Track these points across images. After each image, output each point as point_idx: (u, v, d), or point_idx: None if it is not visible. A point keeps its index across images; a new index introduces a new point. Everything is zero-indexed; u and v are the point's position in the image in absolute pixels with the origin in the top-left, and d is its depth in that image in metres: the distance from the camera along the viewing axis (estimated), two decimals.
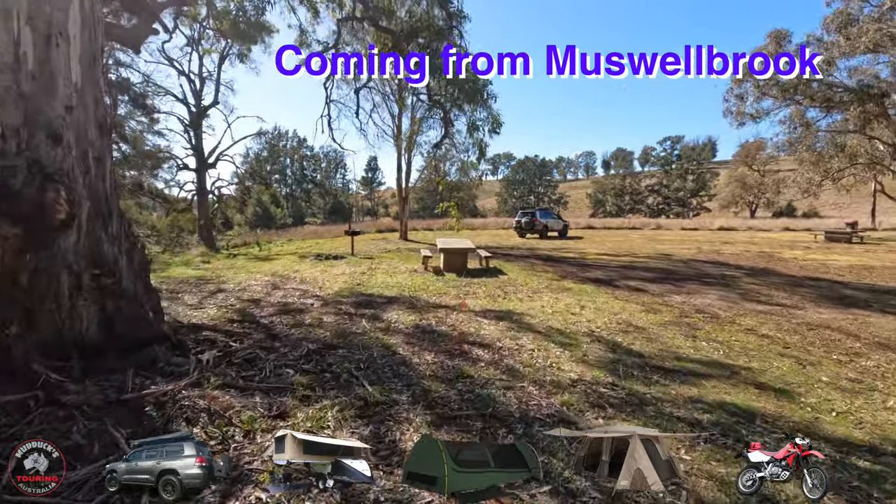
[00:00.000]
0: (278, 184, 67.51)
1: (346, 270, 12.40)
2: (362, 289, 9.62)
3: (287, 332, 5.68)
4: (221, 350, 4.18)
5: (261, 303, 7.81)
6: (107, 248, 3.69)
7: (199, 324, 5.45)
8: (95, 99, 4.01)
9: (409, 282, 10.61)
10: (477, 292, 9.56)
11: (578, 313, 7.79)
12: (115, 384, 3.28)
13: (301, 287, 9.66)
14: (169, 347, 3.86)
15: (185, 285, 9.53)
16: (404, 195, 24.68)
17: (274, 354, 4.49)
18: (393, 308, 7.73)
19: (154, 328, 3.84)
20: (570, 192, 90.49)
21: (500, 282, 10.97)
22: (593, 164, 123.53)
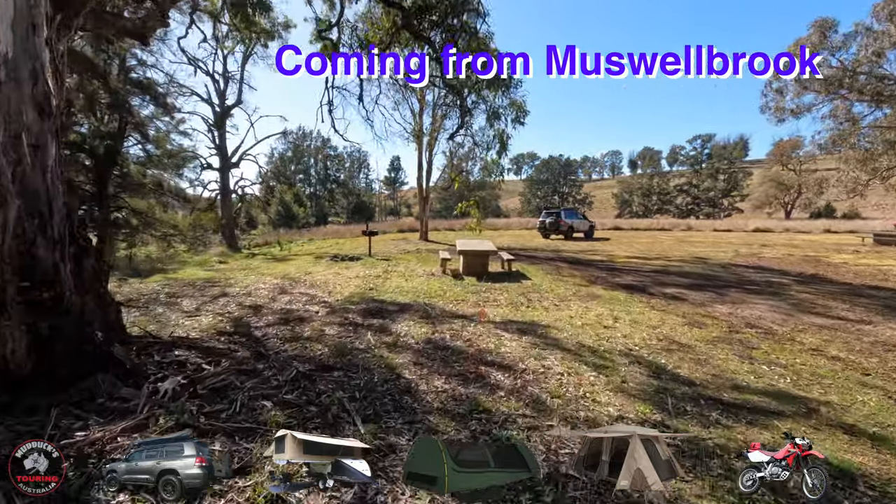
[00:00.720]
0: (302, 183, 67.77)
1: (360, 273, 11.71)
2: (374, 294, 8.89)
3: (278, 349, 4.96)
4: (189, 376, 3.47)
5: (262, 310, 7.15)
6: (43, 253, 3.02)
7: (180, 338, 4.79)
8: (34, 74, 3.36)
9: (424, 287, 9.84)
10: (498, 299, 8.72)
11: (612, 326, 6.87)
12: (33, 429, 2.60)
13: (309, 292, 8.99)
14: (121, 375, 3.18)
15: (189, 288, 8.97)
16: (425, 195, 23.95)
17: (253, 380, 3.76)
18: (404, 318, 6.96)
19: (102, 351, 3.15)
20: (595, 191, 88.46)
21: (523, 287, 10.09)
22: (619, 164, 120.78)
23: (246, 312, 6.94)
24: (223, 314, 6.74)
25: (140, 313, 6.68)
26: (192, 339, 4.91)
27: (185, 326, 5.90)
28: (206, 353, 4.22)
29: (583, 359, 5.30)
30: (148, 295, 7.94)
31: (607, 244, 23.13)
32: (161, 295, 8.01)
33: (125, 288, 8.49)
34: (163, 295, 8.03)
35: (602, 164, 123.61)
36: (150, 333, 4.64)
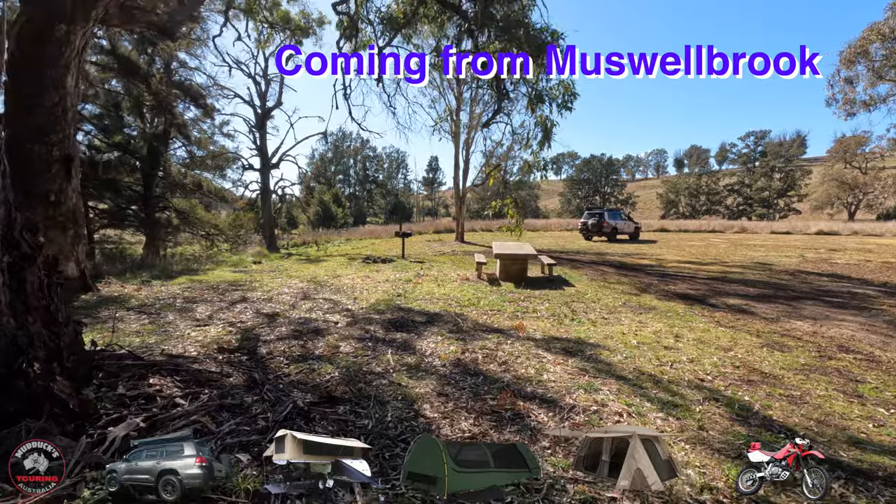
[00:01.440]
0: (342, 184, 68.37)
1: (390, 276, 10.99)
2: (402, 301, 8.12)
3: (280, 372, 4.23)
4: (154, 416, 2.76)
5: (277, 319, 6.49)
6: None
7: (166, 359, 4.14)
8: None
9: (457, 293, 8.99)
10: (538, 310, 7.77)
11: (674, 347, 5.80)
12: None
13: (334, 298, 8.31)
14: (63, 417, 2.51)
15: (210, 292, 8.48)
16: (461, 194, 23.11)
17: (235, 419, 3.01)
18: (432, 331, 6.13)
19: (38, 387, 2.49)
20: (638, 191, 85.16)
21: (566, 296, 9.08)
22: (664, 163, 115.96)
23: (260, 322, 6.30)
24: (235, 324, 6.12)
25: (149, 321, 6.14)
26: (180, 359, 4.24)
27: (188, 339, 5.29)
28: (189, 379, 3.53)
29: (644, 392, 4.30)
30: (164, 300, 7.45)
31: (655, 247, 21.58)
32: (178, 300, 7.51)
33: (144, 292, 8.06)
34: (180, 300, 7.53)
35: (646, 164, 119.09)
36: (132, 352, 4.01)
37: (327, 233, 37.90)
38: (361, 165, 70.98)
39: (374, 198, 69.97)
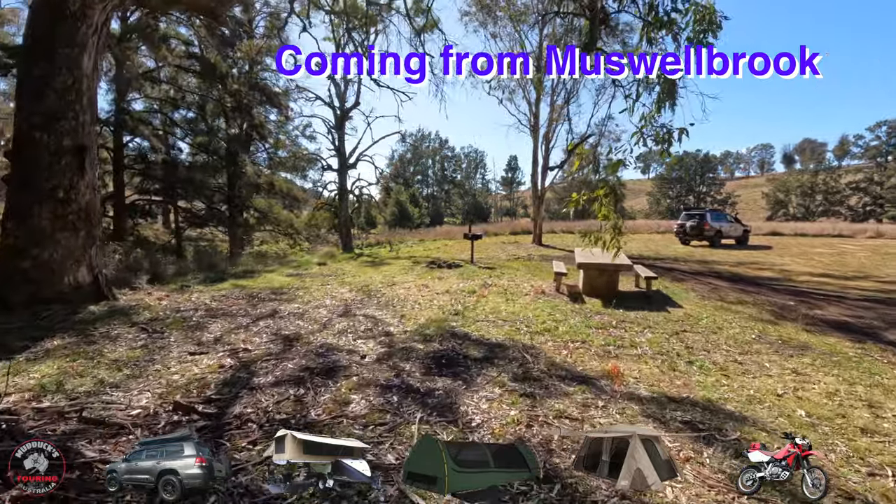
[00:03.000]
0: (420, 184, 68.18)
1: (452, 286, 9.33)
2: (459, 322, 6.40)
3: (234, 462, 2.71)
4: None
5: (294, 347, 5.05)
6: None
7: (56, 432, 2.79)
8: None
9: (530, 312, 7.11)
10: (638, 343, 5.69)
11: (875, 429, 3.54)
12: None
13: (377, 314, 6.81)
14: None
15: (242, 302, 7.35)
16: (540, 193, 20.92)
17: None
18: (488, 376, 4.35)
19: None
20: (739, 191, 76.53)
21: (673, 321, 6.85)
22: (770, 159, 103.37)
23: (270, 350, 4.89)
24: (238, 352, 4.76)
25: (143, 343, 4.99)
26: (93, 427, 2.88)
27: (159, 378, 3.98)
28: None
29: None
30: (183, 312, 6.36)
31: (772, 254, 17.95)
32: (199, 312, 6.40)
33: (168, 301, 7.08)
34: (201, 312, 6.41)
35: (748, 160, 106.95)
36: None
37: (403, 233, 37.27)
38: (440, 166, 70.34)
39: (452, 198, 69.02)
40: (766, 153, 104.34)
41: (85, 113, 5.90)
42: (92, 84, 6.03)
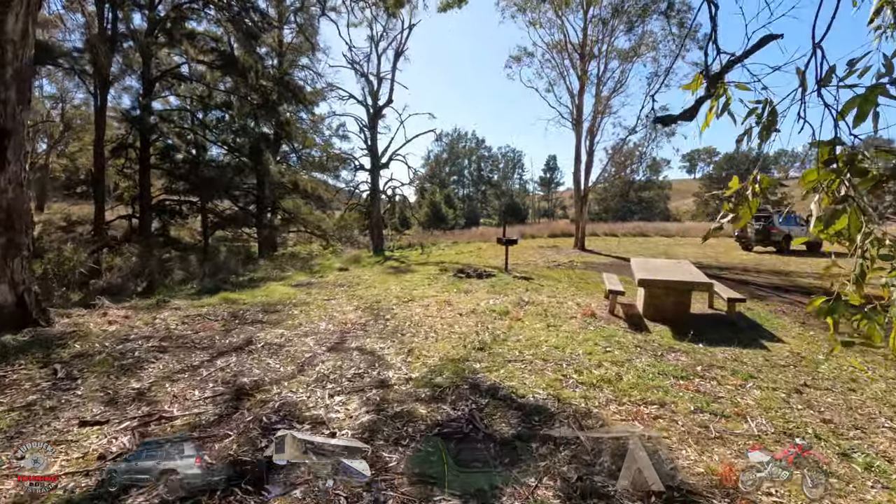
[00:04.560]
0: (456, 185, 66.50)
1: (480, 304, 7.62)
2: (484, 363, 4.70)
3: None
4: None
5: (238, 410, 3.45)
6: None
7: None
8: None
9: (579, 346, 5.31)
10: (744, 408, 3.80)
11: None
12: None
13: (378, 346, 5.19)
14: None
15: (217, 325, 5.91)
16: (583, 193, 18.81)
17: None
18: (523, 482, 2.63)
19: None
20: (796, 191, 70.75)
21: (781, 367, 4.88)
22: None
23: (199, 418, 3.31)
24: (153, 420, 3.24)
25: (42, 394, 3.56)
26: None
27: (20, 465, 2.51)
28: None
29: None
30: (133, 341, 4.94)
31: None
32: (151, 342, 4.96)
33: (121, 325, 5.70)
34: (154, 341, 4.97)
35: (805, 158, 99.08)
36: None
37: (437, 234, 35.73)
38: (476, 166, 68.39)
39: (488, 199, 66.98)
40: None
41: (8, 89, 4.58)
42: (20, 53, 4.71)
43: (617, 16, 16.79)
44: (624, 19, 17.02)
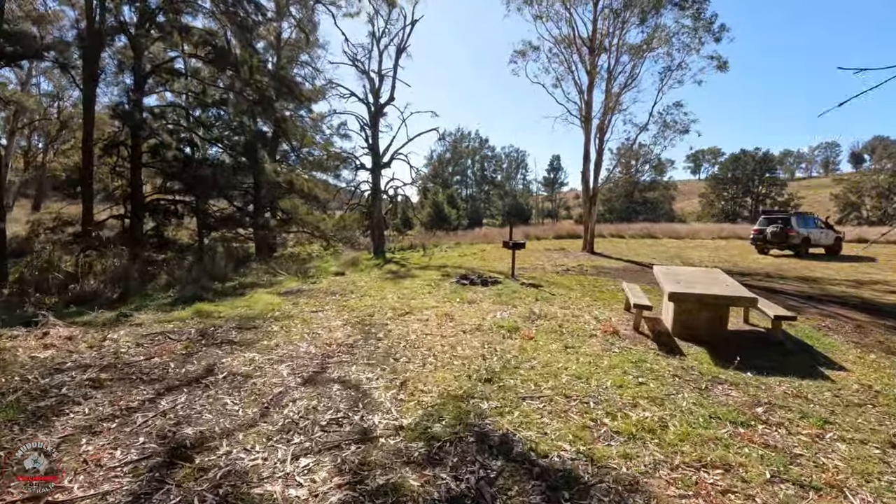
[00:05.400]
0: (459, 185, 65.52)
1: (487, 318, 6.72)
2: (493, 402, 3.80)
3: None
4: None
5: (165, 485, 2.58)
6: None
7: None
8: None
9: (606, 377, 4.39)
10: (831, 468, 2.87)
11: None
12: None
13: (365, 377, 4.28)
14: None
15: (179, 347, 5.03)
16: (592, 193, 17.85)
17: None
18: None
19: None
20: (802, 192, 69.61)
21: (855, 406, 3.93)
22: (836, 158, 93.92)
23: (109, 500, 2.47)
24: None
25: None
26: None
27: None
28: None
29: None
30: (65, 372, 4.06)
31: (885, 269, 14.18)
32: (88, 373, 4.08)
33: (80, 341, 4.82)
34: (92, 372, 4.09)
35: (810, 160, 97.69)
36: None
37: (439, 235, 34.76)
38: (479, 166, 67.36)
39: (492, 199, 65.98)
40: (830, 152, 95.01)
41: None
42: None
43: (629, 7, 15.84)
44: (636, 11, 16.08)
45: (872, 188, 56.60)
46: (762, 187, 64.81)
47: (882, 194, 55.77)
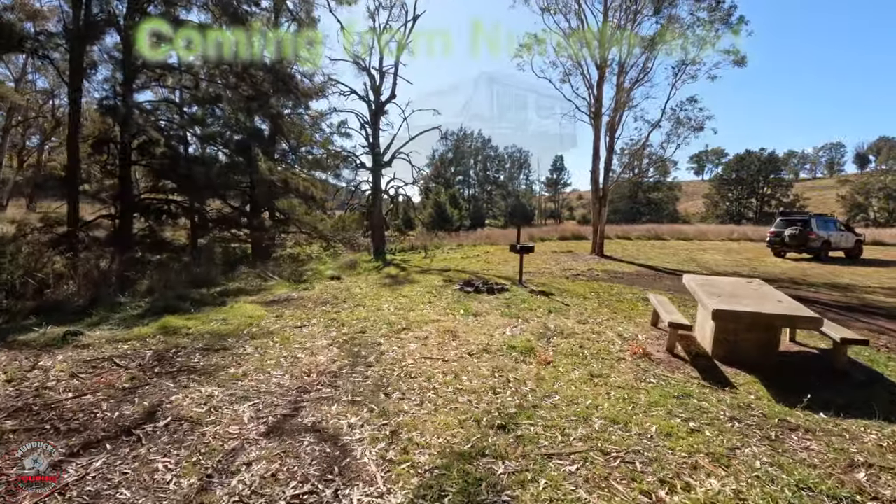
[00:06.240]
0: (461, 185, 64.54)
1: (494, 336, 5.81)
2: (510, 465, 2.89)
3: None
4: None
5: None
6: None
7: None
8: None
9: (647, 420, 3.48)
10: None
11: None
12: None
13: (347, 424, 3.38)
14: None
15: (122, 379, 4.14)
16: (601, 193, 16.90)
17: None
18: None
19: None
20: (808, 193, 68.47)
21: None
22: (840, 159, 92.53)
23: None
24: None
25: None
26: None
27: None
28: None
29: None
30: None
31: None
32: None
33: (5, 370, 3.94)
34: None
35: (815, 161, 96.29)
36: None
37: (441, 236, 33.83)
38: (482, 166, 66.36)
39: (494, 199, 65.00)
40: (835, 152, 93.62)
41: None
42: None
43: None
44: (649, 1, 15.14)
45: (880, 189, 55.47)
46: (767, 188, 63.72)
47: (890, 195, 54.62)
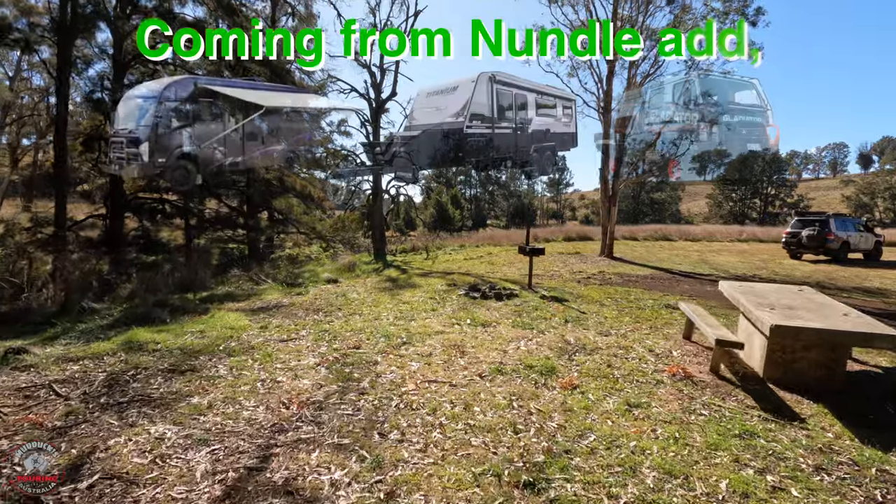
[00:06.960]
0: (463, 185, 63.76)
1: (508, 352, 5.04)
2: None
3: None
4: None
5: None
6: None
7: None
8: None
9: (712, 473, 2.70)
10: None
11: None
12: None
13: (328, 481, 2.61)
14: None
15: (56, 415, 3.37)
16: (611, 192, 16.11)
17: None
18: None
19: None
20: (811, 193, 67.56)
21: None
22: (843, 160, 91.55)
23: None
24: None
25: None
26: None
27: None
28: None
29: None
30: None
31: None
32: None
33: None
34: None
35: (818, 161, 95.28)
36: None
37: (443, 237, 33.04)
38: None
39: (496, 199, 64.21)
40: (838, 153, 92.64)
41: None
42: None
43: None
44: None
45: (886, 189, 54.59)
46: (771, 188, 62.81)
47: (895, 196, 53.76)
